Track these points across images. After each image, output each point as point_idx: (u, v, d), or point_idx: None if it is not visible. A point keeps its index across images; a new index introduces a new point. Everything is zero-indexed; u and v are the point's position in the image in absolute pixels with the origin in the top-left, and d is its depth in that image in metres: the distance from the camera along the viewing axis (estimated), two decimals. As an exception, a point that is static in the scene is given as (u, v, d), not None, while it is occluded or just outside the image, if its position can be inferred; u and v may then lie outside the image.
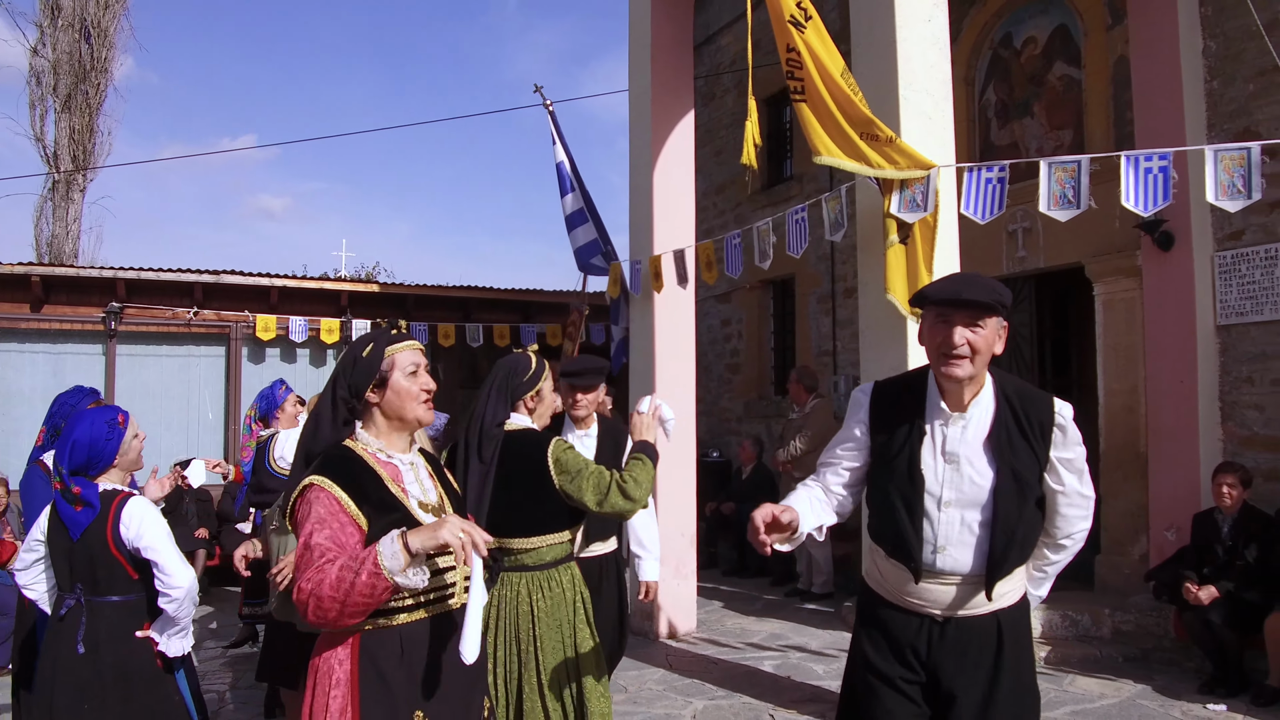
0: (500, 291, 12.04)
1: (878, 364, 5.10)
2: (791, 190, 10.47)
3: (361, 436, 2.48)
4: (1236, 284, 6.26)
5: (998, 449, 2.48)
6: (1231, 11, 6.31)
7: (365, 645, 2.28)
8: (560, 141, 9.13)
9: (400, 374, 2.45)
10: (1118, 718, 5.01)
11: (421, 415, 2.48)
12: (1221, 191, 4.45)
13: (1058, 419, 2.51)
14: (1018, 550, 2.50)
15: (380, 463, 2.43)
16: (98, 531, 3.24)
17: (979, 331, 2.45)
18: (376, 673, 2.26)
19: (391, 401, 2.46)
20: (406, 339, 2.53)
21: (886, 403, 2.66)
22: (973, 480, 2.49)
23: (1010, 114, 8.17)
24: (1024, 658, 2.56)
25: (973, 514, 2.48)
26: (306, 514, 2.27)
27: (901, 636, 2.58)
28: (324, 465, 2.36)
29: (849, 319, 9.42)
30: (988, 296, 2.44)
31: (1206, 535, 5.72)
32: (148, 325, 10.46)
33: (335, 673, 2.27)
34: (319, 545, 2.19)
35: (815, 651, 6.54)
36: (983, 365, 2.49)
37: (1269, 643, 5.18)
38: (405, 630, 2.31)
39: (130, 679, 3.23)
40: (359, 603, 2.12)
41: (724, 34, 11.94)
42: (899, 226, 4.97)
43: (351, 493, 2.30)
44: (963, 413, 2.53)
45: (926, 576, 2.52)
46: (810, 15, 5.04)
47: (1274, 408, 6.10)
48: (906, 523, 2.52)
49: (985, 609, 2.51)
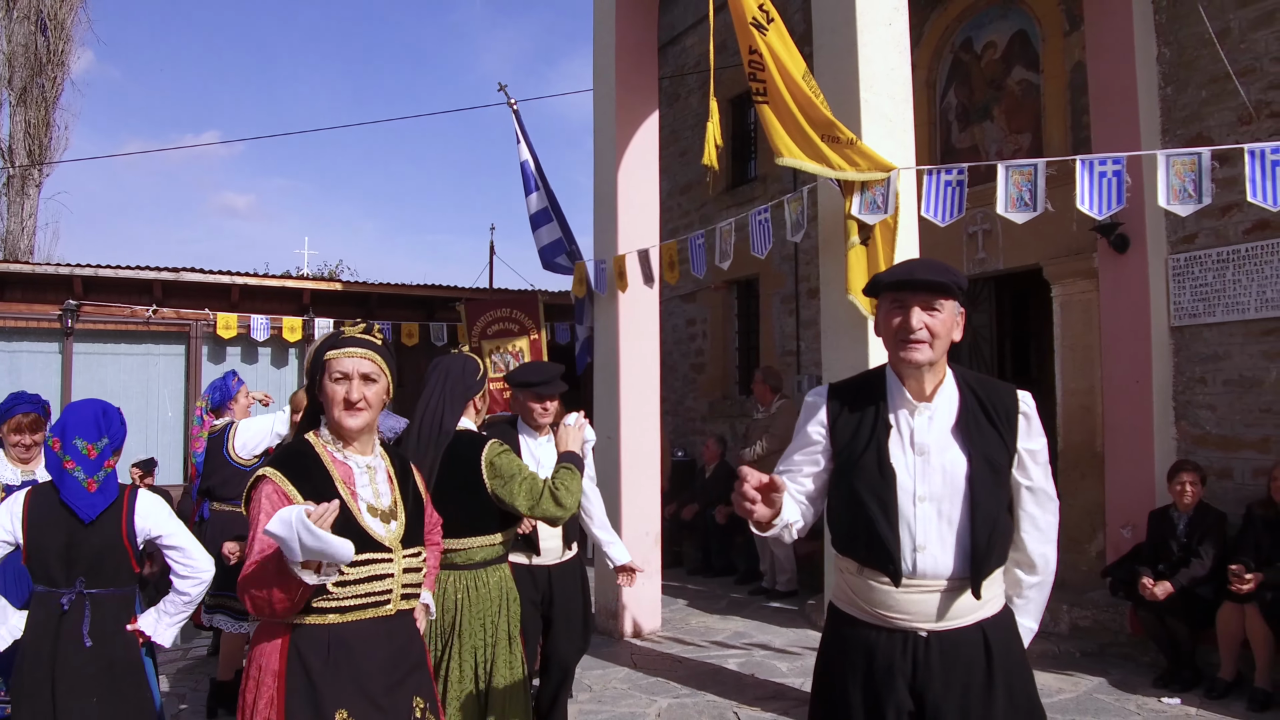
0: (464, 290, 12.00)
1: (840, 364, 5.15)
2: (755, 191, 10.53)
3: (323, 433, 2.52)
4: (1190, 286, 6.38)
5: (968, 436, 2.36)
6: (1185, 20, 6.44)
7: (295, 640, 2.33)
8: (524, 140, 9.11)
9: (328, 378, 2.46)
10: (1075, 712, 5.10)
11: (342, 421, 2.45)
12: (1173, 196, 4.54)
13: (1022, 406, 2.42)
14: (1001, 541, 2.36)
15: (335, 461, 2.46)
16: (113, 521, 3.25)
17: (936, 315, 2.36)
18: (303, 668, 2.31)
19: (323, 403, 2.49)
20: (353, 344, 2.50)
21: (844, 402, 2.50)
22: (945, 470, 2.34)
23: (970, 117, 8.27)
24: (1017, 672, 2.35)
25: (950, 507, 2.32)
26: (257, 506, 2.34)
27: (883, 659, 2.33)
28: (279, 458, 2.43)
29: (812, 319, 9.49)
30: (943, 276, 2.36)
31: (1162, 532, 5.83)
32: (105, 323, 10.32)
33: (267, 663, 2.34)
34: (259, 540, 2.27)
35: (779, 649, 6.59)
36: (942, 351, 2.39)
37: (1220, 637, 5.30)
38: (335, 630, 2.35)
39: (126, 670, 3.27)
40: (281, 599, 2.18)
41: (688, 35, 11.98)
42: (860, 228, 5.02)
43: (300, 486, 2.35)
44: (929, 402, 2.41)
45: (907, 583, 2.32)
46: (772, 18, 5.07)
47: (1226, 407, 6.23)
48: (882, 522, 2.32)
49: (970, 619, 2.33)
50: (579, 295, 8.07)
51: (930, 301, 2.36)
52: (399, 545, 2.47)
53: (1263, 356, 6.04)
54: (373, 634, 2.39)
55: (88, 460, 3.24)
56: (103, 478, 3.26)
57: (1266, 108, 6.02)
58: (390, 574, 2.43)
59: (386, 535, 2.45)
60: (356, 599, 2.37)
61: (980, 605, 2.33)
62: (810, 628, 7.06)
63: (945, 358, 2.43)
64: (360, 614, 2.38)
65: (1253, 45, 6.11)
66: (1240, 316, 6.12)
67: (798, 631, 7.03)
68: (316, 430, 2.53)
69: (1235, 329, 6.17)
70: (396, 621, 2.48)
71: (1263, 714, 4.98)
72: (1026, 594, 2.51)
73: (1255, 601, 5.12)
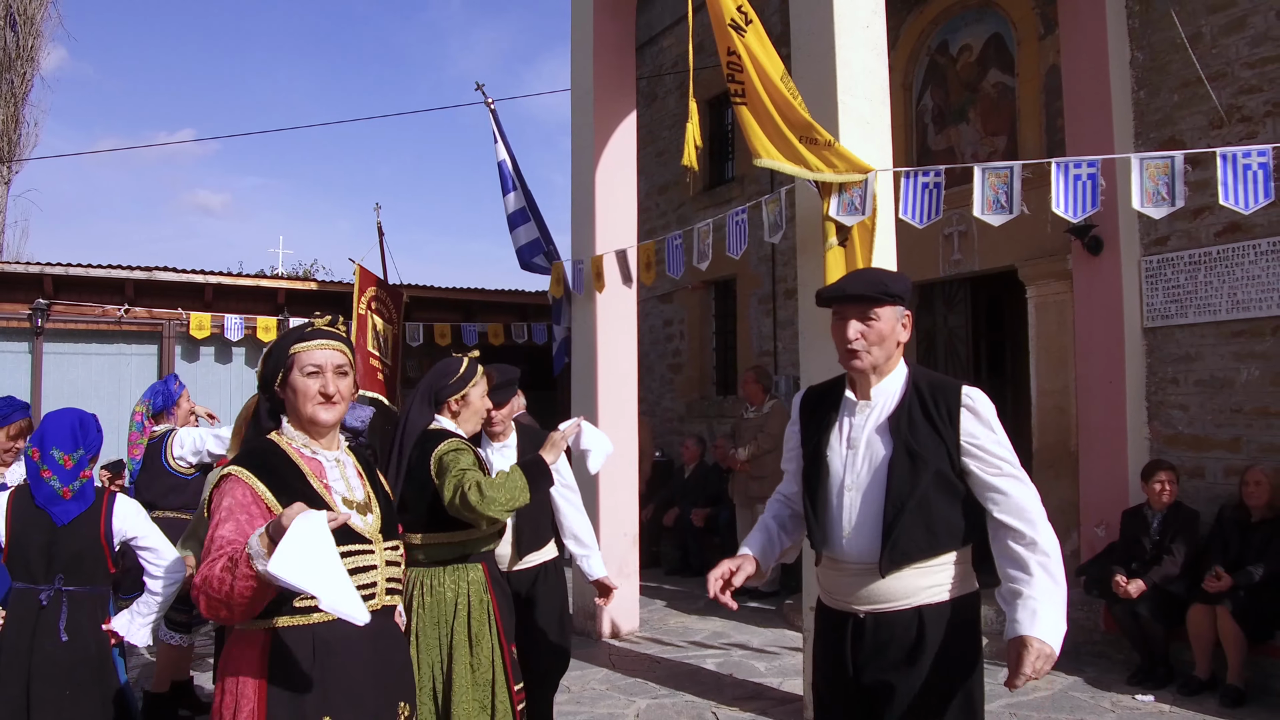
0: (442, 290, 11.94)
1: (817, 365, 5.16)
2: (733, 192, 10.55)
3: (286, 430, 2.44)
4: (1162, 288, 6.45)
5: (895, 429, 2.53)
6: (1158, 24, 6.51)
7: (276, 644, 2.21)
8: (502, 140, 9.09)
9: (299, 372, 2.38)
10: (1051, 709, 5.14)
11: (317, 416, 2.39)
12: (1146, 199, 4.59)
13: (964, 400, 2.52)
14: (914, 532, 2.44)
15: (304, 458, 2.39)
16: (91, 523, 3.40)
17: (873, 324, 2.56)
18: (285, 673, 2.20)
19: (290, 399, 2.41)
20: (324, 336, 2.44)
21: (812, 404, 2.78)
22: (869, 461, 2.55)
23: (947, 119, 8.32)
24: (954, 661, 2.45)
25: (871, 494, 2.52)
26: (218, 504, 2.22)
27: (832, 637, 2.61)
28: (244, 456, 2.33)
29: (790, 320, 9.51)
30: (870, 289, 2.55)
31: (1135, 531, 5.90)
32: (76, 323, 10.18)
33: (244, 671, 2.21)
34: (220, 538, 2.13)
35: (757, 649, 6.60)
36: (885, 354, 2.58)
37: (1192, 637, 5.36)
38: (319, 630, 2.24)
39: (98, 665, 3.39)
40: (242, 603, 2.03)
41: (666, 35, 11.98)
42: (838, 229, 5.03)
43: (271, 484, 2.26)
44: (868, 400, 2.61)
45: (842, 565, 2.57)
46: (750, 19, 5.08)
47: (1197, 408, 6.30)
48: (819, 509, 2.61)
49: (905, 603, 2.47)
50: (556, 295, 8.05)
51: (865, 312, 2.57)
52: (379, 537, 2.41)
53: (1233, 357, 6.12)
54: (358, 633, 2.26)
55: (64, 470, 3.38)
56: (78, 486, 3.40)
57: (1237, 112, 6.10)
58: (374, 565, 2.36)
59: (365, 527, 2.38)
60: None
61: (918, 591, 2.47)
62: (788, 628, 7.08)
63: (896, 358, 2.64)
64: None
65: (1224, 50, 6.18)
66: (1212, 318, 6.19)
67: (775, 631, 7.05)
68: (278, 430, 2.45)
69: (1207, 330, 6.24)
70: (380, 618, 2.37)
71: (1235, 711, 5.05)
72: (1028, 566, 2.39)
73: (1226, 602, 5.19)
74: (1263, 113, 5.99)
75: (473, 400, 3.56)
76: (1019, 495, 2.47)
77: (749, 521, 8.48)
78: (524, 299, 12.46)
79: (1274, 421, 5.91)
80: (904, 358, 2.71)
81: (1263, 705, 5.11)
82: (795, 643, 6.33)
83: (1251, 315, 6.00)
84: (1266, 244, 5.91)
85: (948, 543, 2.50)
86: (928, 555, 2.48)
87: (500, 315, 12.07)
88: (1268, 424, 5.94)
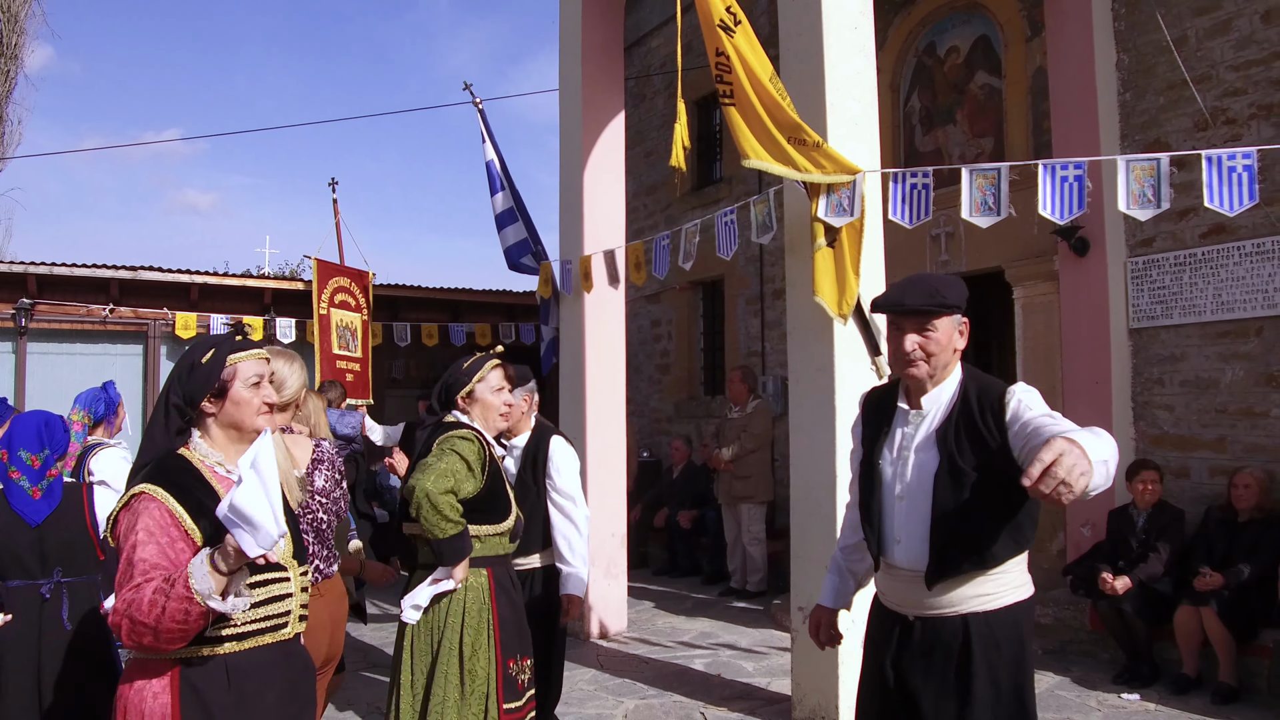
0: (429, 290, 11.91)
1: (806, 365, 5.17)
2: (721, 192, 10.56)
3: (199, 447, 2.28)
4: (1148, 289, 6.49)
5: (942, 441, 2.51)
6: (1143, 27, 6.55)
7: (187, 676, 2.08)
8: (490, 140, 9.07)
9: (241, 384, 2.28)
10: (1038, 708, 5.15)
11: (260, 426, 2.29)
12: (1132, 200, 4.60)
13: (1007, 395, 2.47)
14: (962, 546, 2.44)
15: (218, 477, 2.24)
16: (76, 515, 3.55)
17: (930, 334, 2.54)
18: (200, 705, 2.06)
19: (230, 413, 2.28)
20: (250, 346, 2.37)
21: (871, 408, 2.79)
22: (918, 472, 2.54)
23: (934, 121, 8.35)
24: (1003, 669, 2.44)
25: (919, 505, 2.52)
26: (132, 525, 2.07)
27: (881, 635, 2.68)
28: (156, 473, 2.16)
29: (777, 320, 9.53)
30: (927, 301, 2.52)
31: (1121, 530, 5.93)
32: (61, 323, 10.12)
33: (149, 705, 2.06)
34: (142, 561, 2.00)
35: (745, 649, 6.61)
36: (942, 364, 2.57)
37: (1179, 634, 5.39)
38: (232, 660, 2.12)
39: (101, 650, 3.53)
40: (172, 629, 1.94)
41: (654, 36, 11.98)
42: (826, 230, 5.04)
43: (186, 505, 2.11)
44: (919, 410, 2.60)
45: (892, 570, 2.61)
46: (739, 20, 5.08)
47: (1183, 408, 6.34)
48: (870, 515, 2.64)
49: (954, 610, 2.48)
50: (545, 296, 8.04)
51: (923, 323, 2.55)
52: (293, 563, 2.30)
53: (1218, 358, 6.16)
54: (271, 661, 2.18)
55: (32, 470, 3.49)
56: (46, 485, 3.51)
57: (1222, 114, 6.14)
58: (290, 593, 2.26)
59: (279, 553, 2.24)
60: (255, 623, 2.16)
61: (966, 600, 2.47)
62: (776, 628, 7.09)
63: (953, 366, 2.62)
64: (259, 639, 2.17)
65: (1209, 53, 6.22)
66: (1197, 319, 6.23)
67: (764, 632, 7.06)
68: (185, 445, 2.28)
69: (1192, 331, 6.29)
70: (293, 646, 2.29)
71: (1226, 707, 5.08)
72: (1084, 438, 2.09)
73: (1212, 603, 5.22)
74: (1247, 115, 6.03)
75: (481, 396, 3.45)
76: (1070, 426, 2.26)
77: (734, 522, 8.48)
78: (511, 299, 12.45)
79: (1259, 422, 5.95)
80: (961, 362, 2.67)
81: (1248, 704, 5.14)
82: (783, 643, 6.34)
83: (1236, 316, 6.04)
84: (1251, 245, 5.96)
85: (999, 554, 2.48)
86: (977, 568, 2.47)
87: (488, 315, 12.05)
88: (1252, 424, 5.98)
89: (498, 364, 3.54)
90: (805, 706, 4.98)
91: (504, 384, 3.54)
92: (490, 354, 3.58)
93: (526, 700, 3.33)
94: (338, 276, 9.72)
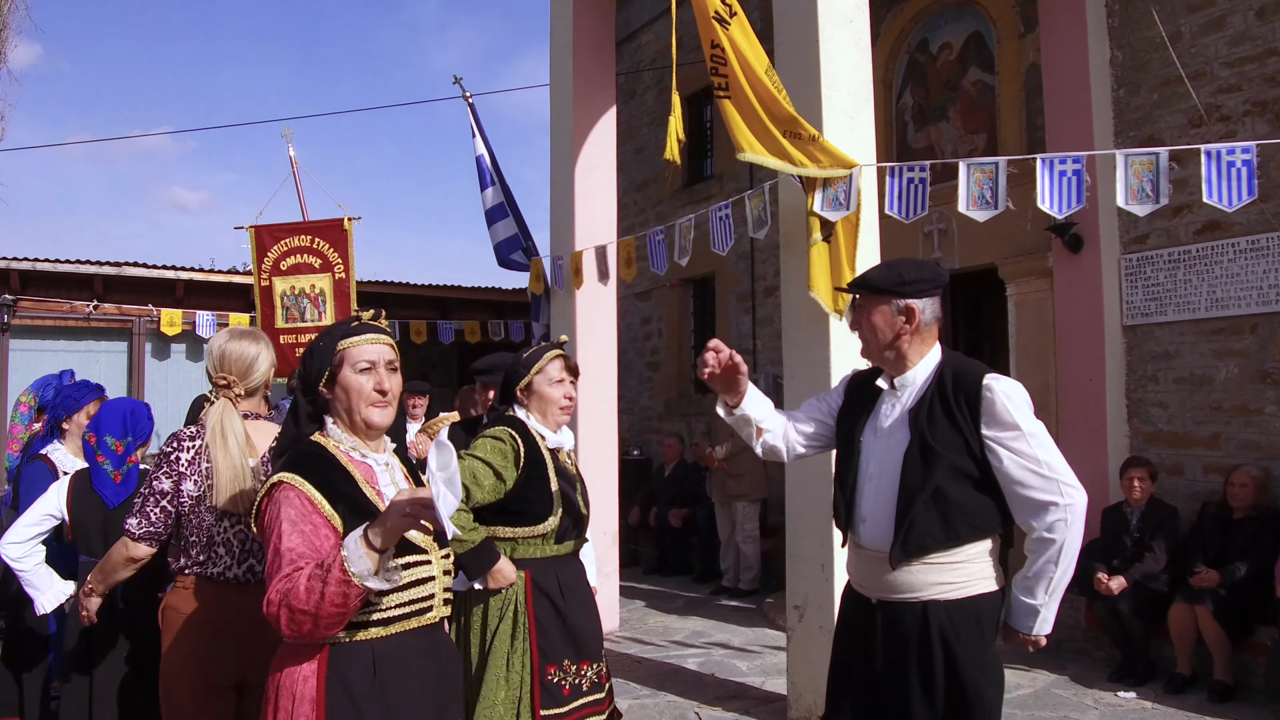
0: (417, 287, 11.84)
1: (801, 361, 5.13)
2: (712, 189, 10.51)
3: (333, 433, 2.28)
4: (1142, 286, 6.47)
5: (915, 421, 2.53)
6: (1137, 23, 6.53)
7: (334, 661, 2.09)
8: (480, 135, 8.99)
9: (350, 370, 2.24)
10: (1034, 707, 5.13)
11: (371, 418, 2.25)
12: (1131, 196, 4.58)
13: (983, 391, 2.46)
14: (927, 525, 2.43)
15: (354, 462, 2.24)
16: None
17: (864, 317, 2.66)
18: (346, 691, 2.07)
19: (341, 399, 2.25)
20: (371, 331, 2.31)
21: (855, 388, 2.83)
22: (889, 451, 2.57)
23: (927, 117, 8.32)
24: (961, 661, 2.42)
25: (888, 484, 2.54)
26: (275, 515, 2.08)
27: (850, 618, 2.70)
28: (293, 462, 2.17)
29: (769, 317, 9.49)
30: (855, 285, 2.70)
31: (1115, 528, 5.91)
32: (44, 319, 10.01)
33: (299, 689, 2.07)
34: (289, 551, 2.02)
35: (738, 648, 6.56)
36: (883, 345, 2.63)
37: (1174, 635, 5.37)
38: (379, 645, 2.13)
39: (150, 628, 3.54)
40: (332, 613, 1.94)
41: (644, 32, 11.93)
42: (822, 225, 5.00)
43: (324, 491, 2.12)
44: (894, 389, 2.65)
45: (860, 551, 2.64)
46: (735, 12, 5.03)
47: (1177, 405, 6.33)
48: (841, 492, 2.68)
49: (912, 595, 2.47)
50: (536, 292, 7.98)
51: (865, 304, 2.67)
52: (434, 545, 2.28)
53: (1212, 355, 6.14)
54: (418, 647, 2.18)
55: (115, 455, 3.67)
56: (127, 470, 3.68)
57: (1216, 111, 6.12)
58: (432, 576, 2.24)
59: (421, 536, 2.23)
60: (401, 607, 2.16)
61: (927, 586, 2.46)
62: (769, 626, 7.04)
63: (921, 348, 2.63)
64: (404, 624, 2.17)
65: (1203, 50, 6.21)
66: (1191, 316, 6.22)
67: (756, 630, 7.01)
68: (321, 431, 2.29)
69: (1186, 328, 6.27)
70: (438, 632, 2.29)
71: (1223, 705, 5.06)
72: (1029, 577, 2.49)
73: (1207, 602, 5.20)
74: (1241, 112, 6.01)
75: (538, 389, 3.26)
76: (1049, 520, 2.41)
77: (728, 520, 8.44)
78: (501, 296, 12.40)
79: (1253, 419, 5.94)
80: (941, 344, 2.68)
81: (1243, 701, 5.13)
82: (777, 642, 6.30)
83: (1230, 313, 6.03)
84: (1245, 242, 5.94)
85: (967, 534, 2.47)
86: (943, 547, 2.45)
87: (477, 312, 11.98)
88: (1246, 421, 5.97)
89: (558, 354, 3.35)
90: (801, 706, 4.94)
91: (564, 375, 3.33)
92: (552, 343, 3.41)
93: (577, 707, 3.12)
94: (289, 237, 8.42)
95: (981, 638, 2.47)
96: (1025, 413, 2.45)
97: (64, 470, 4.16)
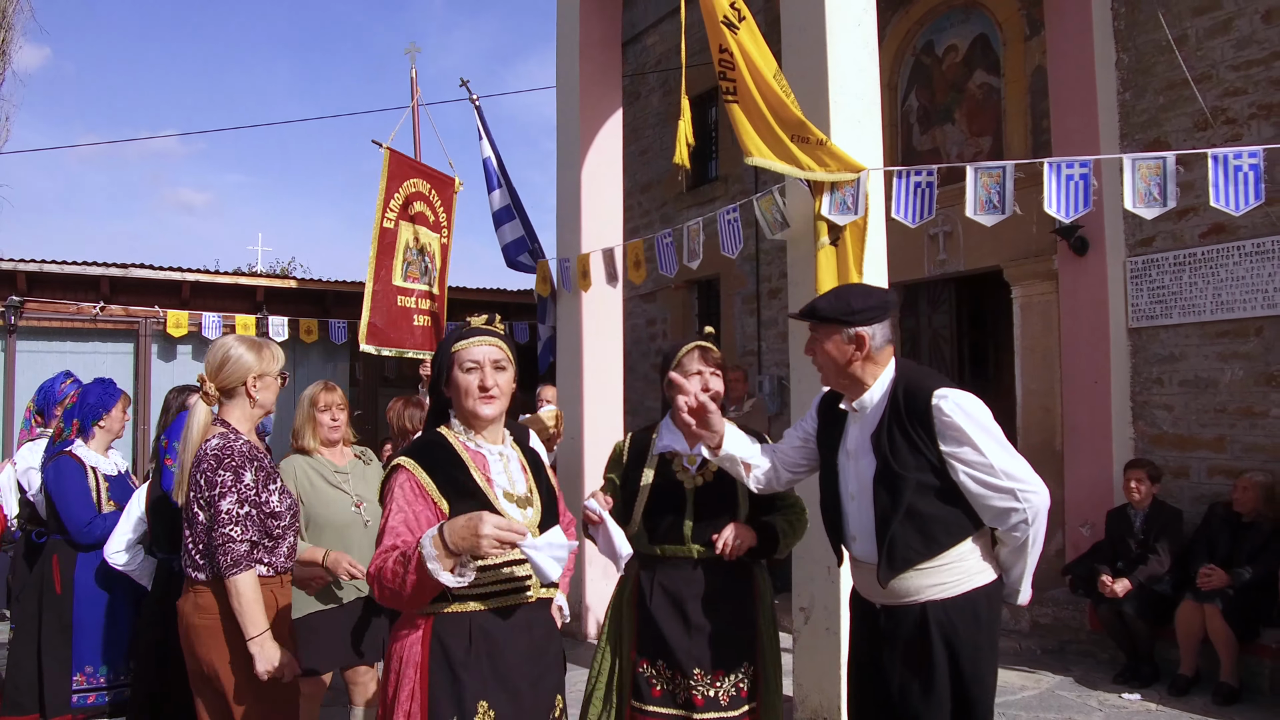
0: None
1: (807, 365, 5.11)
2: (716, 191, 10.53)
3: (455, 426, 2.56)
4: (1147, 288, 6.49)
5: (877, 444, 2.61)
6: (1143, 26, 6.54)
7: (437, 629, 2.35)
8: (487, 137, 8.99)
9: (459, 370, 2.50)
10: (1039, 709, 5.14)
11: (477, 409, 2.49)
12: (1139, 199, 4.59)
13: (932, 410, 2.53)
14: (907, 543, 2.53)
15: (469, 451, 2.50)
16: None
17: (814, 345, 2.72)
18: (445, 658, 2.32)
19: (454, 396, 2.53)
20: (481, 334, 2.56)
21: (826, 408, 2.90)
22: (861, 473, 2.68)
23: (932, 120, 8.33)
24: (962, 656, 2.54)
25: (866, 505, 2.64)
26: (391, 494, 2.39)
27: (857, 623, 2.85)
28: (412, 448, 2.48)
29: (773, 319, 9.51)
30: (804, 312, 2.73)
31: (1120, 530, 5.92)
32: (50, 320, 10.03)
33: (408, 654, 2.35)
34: (392, 529, 2.32)
35: (743, 650, 6.55)
36: (837, 371, 2.69)
37: (1180, 634, 5.38)
38: (477, 618, 2.36)
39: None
40: (411, 595, 2.22)
41: (649, 34, 11.94)
42: (830, 228, 5.01)
43: (434, 475, 2.39)
44: (855, 412, 2.73)
45: (858, 564, 2.76)
46: (744, 16, 5.05)
47: (1182, 407, 6.34)
48: (831, 513, 2.81)
49: (910, 600, 2.59)
50: (543, 294, 7.99)
51: (817, 334, 2.72)
52: (537, 531, 2.44)
53: (1217, 358, 6.16)
54: (514, 622, 2.41)
55: None
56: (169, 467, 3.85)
57: (1222, 114, 6.14)
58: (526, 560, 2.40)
59: (523, 520, 2.43)
60: (498, 584, 2.38)
61: (922, 589, 2.57)
62: (774, 628, 7.04)
63: (874, 370, 2.68)
64: (502, 600, 2.39)
65: (1209, 53, 6.22)
66: (1196, 318, 6.23)
67: (761, 631, 7.01)
68: (447, 424, 2.57)
69: (1191, 330, 6.28)
70: (537, 611, 2.49)
71: (1228, 708, 5.07)
72: (1004, 557, 2.67)
73: (1217, 601, 5.21)
74: (1247, 115, 6.03)
75: (676, 383, 2.90)
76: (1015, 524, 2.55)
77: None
78: (506, 297, 12.41)
79: (1258, 421, 5.95)
80: (896, 358, 2.74)
81: (1249, 704, 5.14)
82: (783, 643, 6.29)
83: (1235, 316, 6.04)
84: (1251, 245, 5.95)
85: (947, 541, 2.57)
86: (926, 557, 2.56)
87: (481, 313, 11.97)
88: (1251, 424, 5.98)
89: (694, 346, 3.14)
90: (807, 707, 4.95)
91: (700, 368, 3.09)
92: (699, 332, 3.26)
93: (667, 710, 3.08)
94: (415, 179, 7.31)
95: (980, 630, 2.59)
96: (976, 423, 2.53)
97: (91, 465, 4.47)
